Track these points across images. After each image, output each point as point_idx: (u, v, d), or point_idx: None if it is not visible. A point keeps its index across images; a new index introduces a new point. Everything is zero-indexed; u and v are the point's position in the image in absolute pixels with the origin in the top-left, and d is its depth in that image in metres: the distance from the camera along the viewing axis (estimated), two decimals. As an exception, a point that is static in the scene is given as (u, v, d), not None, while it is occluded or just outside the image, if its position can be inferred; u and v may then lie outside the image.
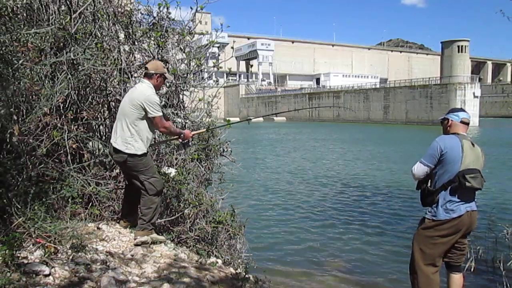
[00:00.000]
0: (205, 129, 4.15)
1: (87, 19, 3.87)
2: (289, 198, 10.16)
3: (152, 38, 4.23)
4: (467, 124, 3.30)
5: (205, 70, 4.80)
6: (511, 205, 9.14)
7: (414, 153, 18.56)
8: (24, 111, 3.08)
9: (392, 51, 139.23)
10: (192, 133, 3.70)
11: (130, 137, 3.22)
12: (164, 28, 4.23)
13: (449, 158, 3.11)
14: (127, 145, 3.21)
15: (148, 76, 3.35)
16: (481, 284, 4.90)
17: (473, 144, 3.18)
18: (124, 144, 3.21)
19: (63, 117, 3.46)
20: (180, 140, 3.59)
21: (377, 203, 9.49)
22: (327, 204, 9.47)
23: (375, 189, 11.28)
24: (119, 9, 4.17)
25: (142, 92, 3.25)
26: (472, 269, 4.69)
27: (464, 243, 3.32)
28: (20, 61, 2.99)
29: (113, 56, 3.94)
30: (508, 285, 4.09)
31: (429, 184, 3.27)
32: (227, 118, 4.99)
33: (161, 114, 3.30)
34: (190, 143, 3.70)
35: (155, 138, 3.92)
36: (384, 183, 12.18)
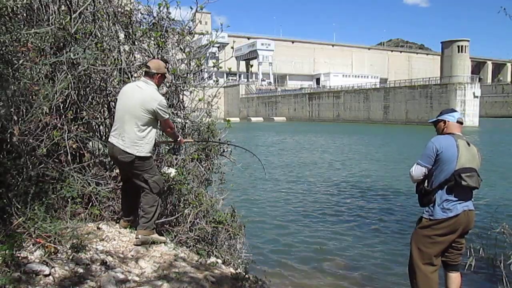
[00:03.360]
0: (192, 140, 4.19)
1: (87, 19, 3.87)
2: (289, 198, 10.17)
3: (152, 38, 4.23)
4: (462, 123, 3.38)
5: (205, 70, 4.80)
6: (511, 204, 9.14)
7: (414, 154, 18.56)
8: (24, 111, 3.08)
9: (392, 51, 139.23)
10: (184, 140, 3.77)
11: (140, 139, 3.22)
12: (164, 28, 4.23)
13: (445, 158, 3.14)
14: (138, 147, 3.22)
15: (149, 75, 3.34)
16: (481, 283, 4.91)
17: (468, 144, 3.21)
18: (134, 146, 3.21)
19: (63, 117, 3.46)
20: (173, 144, 3.69)
21: (376, 204, 9.50)
22: (326, 204, 9.47)
23: (374, 189, 11.28)
24: (119, 9, 4.16)
25: (153, 97, 3.24)
26: (472, 268, 4.69)
27: (461, 243, 3.33)
28: (20, 61, 2.99)
29: (113, 56, 3.94)
30: (508, 284, 4.10)
31: (426, 184, 3.29)
32: (227, 118, 4.99)
33: (168, 116, 3.38)
34: (181, 149, 3.85)
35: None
36: (382, 184, 12.19)
